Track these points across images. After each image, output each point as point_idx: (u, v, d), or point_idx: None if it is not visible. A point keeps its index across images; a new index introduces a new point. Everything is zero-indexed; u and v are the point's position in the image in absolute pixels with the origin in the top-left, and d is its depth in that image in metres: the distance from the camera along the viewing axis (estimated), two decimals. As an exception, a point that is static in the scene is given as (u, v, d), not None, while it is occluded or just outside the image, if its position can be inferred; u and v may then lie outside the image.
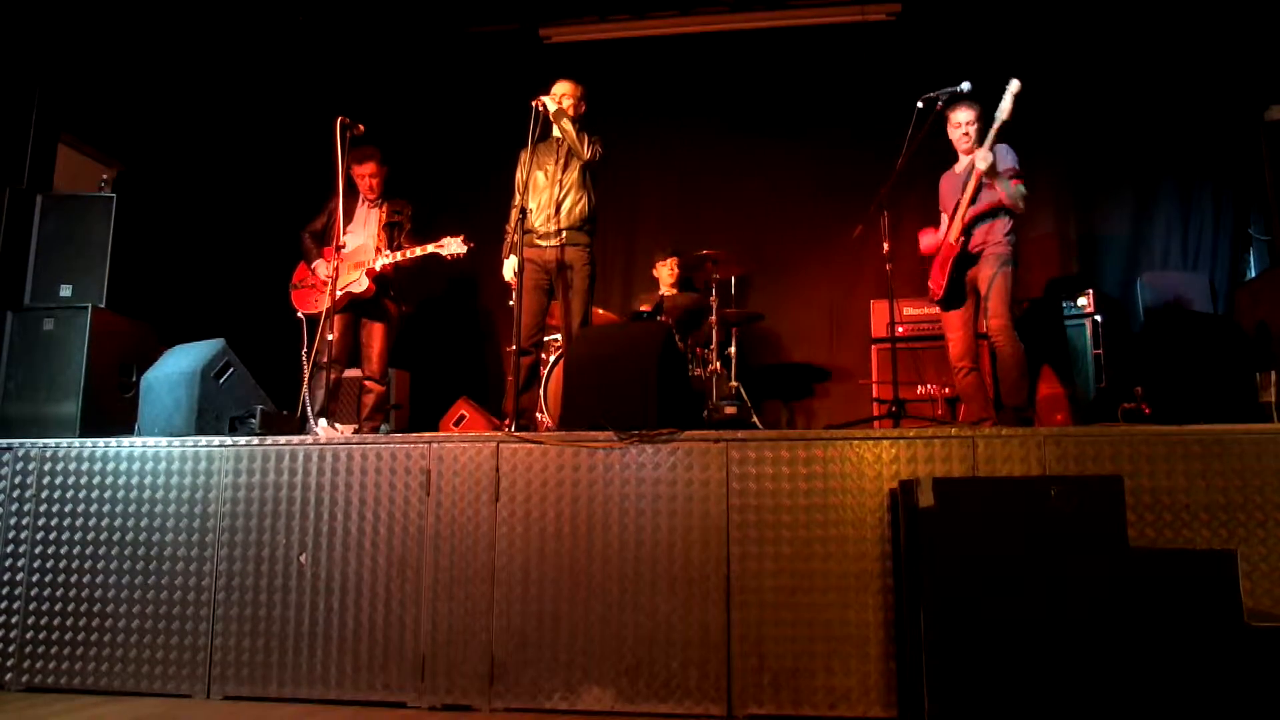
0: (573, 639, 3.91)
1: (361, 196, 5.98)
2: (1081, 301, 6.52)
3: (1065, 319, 6.48)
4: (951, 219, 5.35)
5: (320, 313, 5.58)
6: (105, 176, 5.99)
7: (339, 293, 5.68)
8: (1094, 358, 6.35)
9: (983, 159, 5.06)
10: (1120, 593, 3.19)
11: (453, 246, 5.61)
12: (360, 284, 5.74)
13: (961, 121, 5.36)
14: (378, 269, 5.75)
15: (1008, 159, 5.26)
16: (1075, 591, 3.22)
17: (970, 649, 3.26)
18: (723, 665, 3.80)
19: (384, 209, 5.98)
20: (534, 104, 5.18)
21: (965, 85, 5.07)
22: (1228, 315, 6.57)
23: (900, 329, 6.61)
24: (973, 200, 5.23)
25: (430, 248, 5.66)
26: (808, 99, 7.80)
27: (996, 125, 5.05)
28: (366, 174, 5.90)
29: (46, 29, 6.17)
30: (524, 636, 3.94)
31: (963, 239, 5.27)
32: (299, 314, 5.94)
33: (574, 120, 5.41)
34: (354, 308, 5.85)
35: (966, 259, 5.31)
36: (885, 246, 5.32)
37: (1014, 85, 5.01)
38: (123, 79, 6.82)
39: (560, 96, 5.39)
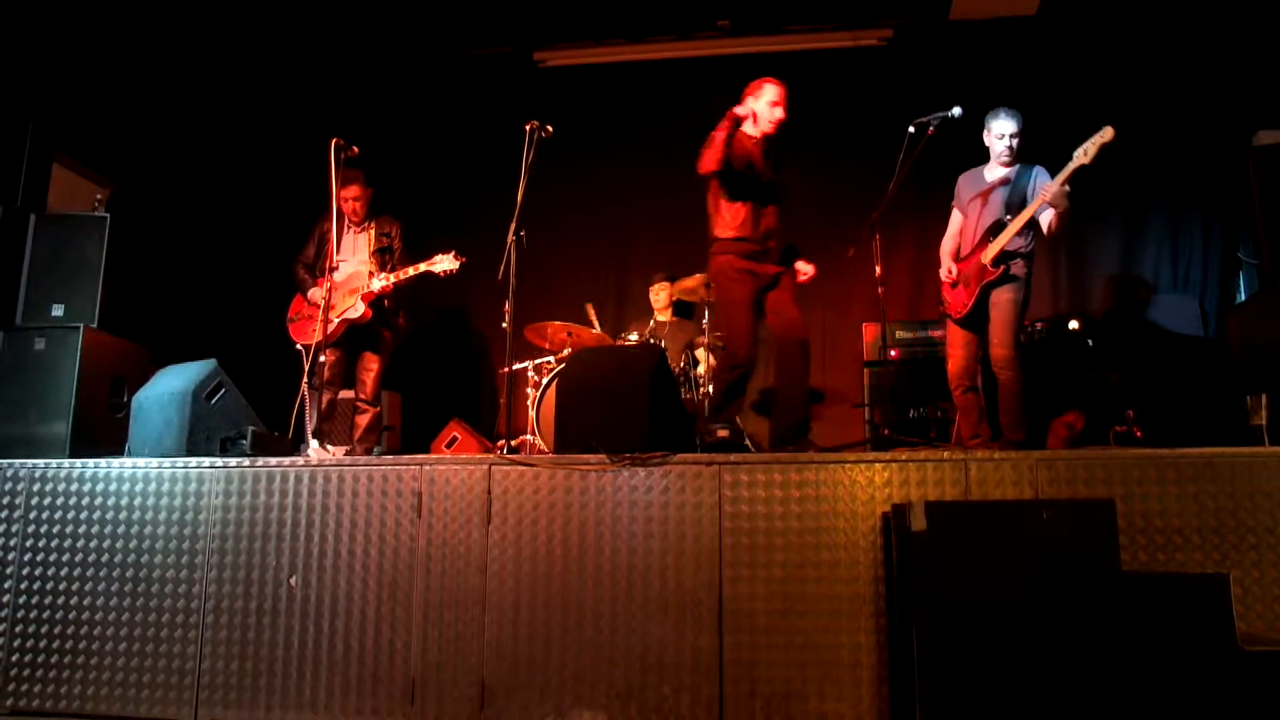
0: (564, 663, 3.89)
1: (347, 220, 5.94)
2: (1072, 325, 6.52)
3: (1057, 343, 6.48)
4: (983, 237, 5.18)
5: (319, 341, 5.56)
6: (99, 196, 6.01)
7: (335, 320, 5.67)
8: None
9: (1060, 202, 4.87)
10: (1113, 616, 3.19)
11: (444, 263, 5.59)
12: (356, 309, 5.72)
13: (1005, 133, 5.18)
14: (375, 291, 5.73)
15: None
16: (1068, 615, 3.22)
17: (963, 672, 3.25)
18: (714, 690, 3.78)
19: (371, 232, 5.94)
20: (527, 126, 5.18)
21: (956, 110, 5.08)
22: (1218, 338, 6.60)
23: (893, 352, 6.62)
24: (1021, 231, 5.05)
25: (423, 266, 5.65)
26: (801, 123, 7.80)
27: (1074, 166, 4.82)
28: (350, 197, 5.83)
29: (42, 50, 6.19)
30: (515, 660, 3.92)
31: (1003, 267, 5.07)
32: (298, 345, 5.90)
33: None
34: (350, 334, 5.83)
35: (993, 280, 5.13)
36: (878, 269, 5.33)
37: (1106, 133, 4.77)
38: (117, 100, 6.85)
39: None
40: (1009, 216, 5.11)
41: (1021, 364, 5.05)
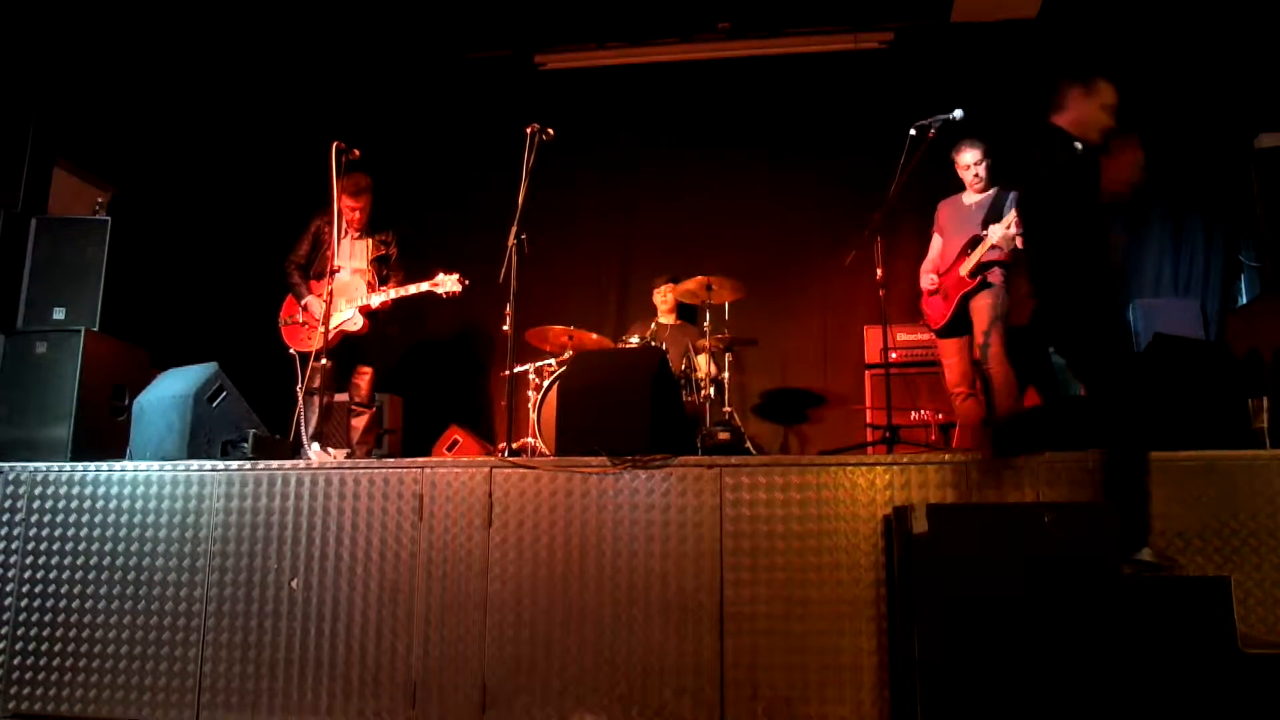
0: (565, 666, 3.88)
1: (346, 227, 5.80)
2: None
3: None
4: (961, 251, 5.40)
5: (312, 350, 5.51)
6: (100, 200, 6.00)
7: (332, 330, 5.63)
8: (1086, 383, 6.34)
9: (1007, 244, 5.16)
10: (1115, 619, 3.19)
11: (448, 284, 5.56)
12: (355, 322, 5.68)
13: (970, 163, 5.48)
14: (376, 306, 5.69)
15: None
16: (1069, 618, 3.21)
17: (964, 675, 3.25)
18: (716, 693, 3.78)
19: (370, 240, 5.87)
20: (528, 129, 5.17)
21: (958, 113, 5.08)
22: (1219, 341, 6.58)
23: (894, 355, 6.61)
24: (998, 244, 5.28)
25: (425, 285, 5.62)
26: (802, 126, 7.84)
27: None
28: (358, 206, 5.74)
29: (43, 55, 6.19)
30: (516, 663, 3.92)
31: (980, 277, 5.33)
32: (291, 351, 5.82)
33: None
34: (344, 342, 5.78)
35: (971, 290, 5.38)
36: (879, 273, 5.34)
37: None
38: (118, 103, 6.84)
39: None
40: (984, 232, 5.33)
41: (1012, 359, 5.16)
